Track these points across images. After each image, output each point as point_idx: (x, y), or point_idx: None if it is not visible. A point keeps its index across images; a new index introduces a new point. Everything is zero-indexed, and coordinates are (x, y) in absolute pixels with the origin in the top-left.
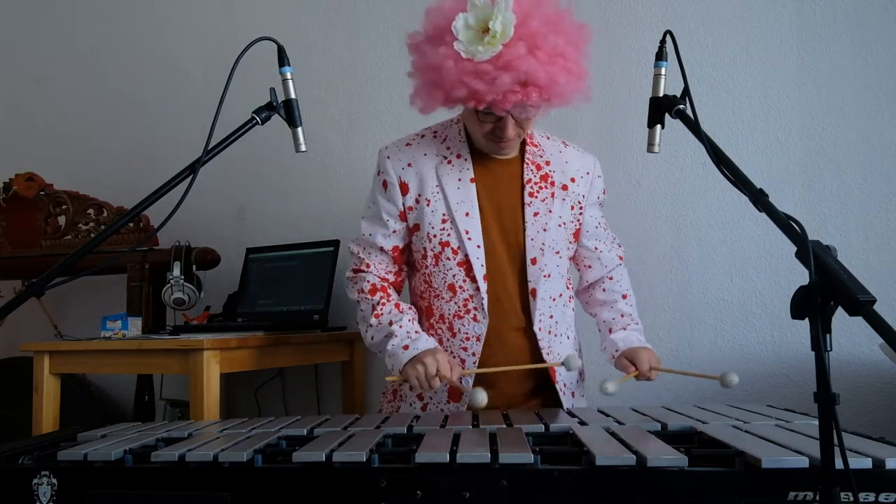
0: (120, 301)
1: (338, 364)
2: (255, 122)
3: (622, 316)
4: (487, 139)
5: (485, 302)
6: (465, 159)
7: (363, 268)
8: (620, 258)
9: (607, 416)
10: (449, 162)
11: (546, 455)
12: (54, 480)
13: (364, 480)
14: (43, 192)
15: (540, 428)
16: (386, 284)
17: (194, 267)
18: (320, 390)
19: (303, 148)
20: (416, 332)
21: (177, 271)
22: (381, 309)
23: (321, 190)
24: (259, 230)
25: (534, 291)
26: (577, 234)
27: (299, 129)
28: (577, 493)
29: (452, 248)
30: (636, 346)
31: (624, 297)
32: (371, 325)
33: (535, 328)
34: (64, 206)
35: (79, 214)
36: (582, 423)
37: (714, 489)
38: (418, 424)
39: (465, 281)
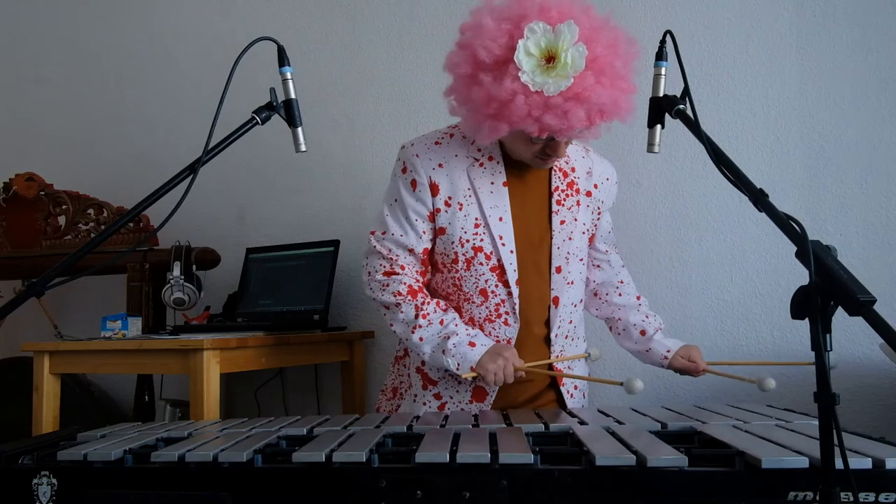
0: (120, 301)
1: (338, 364)
2: (255, 122)
3: (647, 318)
4: (535, 156)
5: (517, 307)
6: (498, 162)
7: (397, 270)
8: (621, 259)
9: (607, 416)
10: (481, 165)
11: (546, 455)
12: (54, 480)
13: (364, 480)
14: (43, 192)
15: (540, 428)
16: (421, 285)
17: (194, 267)
18: (320, 390)
19: (303, 148)
20: (473, 328)
21: (177, 271)
22: (427, 309)
23: (321, 190)
24: (259, 230)
25: (556, 300)
26: (591, 240)
27: (299, 129)
28: (577, 493)
29: (485, 253)
30: (685, 345)
31: (639, 298)
32: (420, 326)
33: (552, 334)
34: (64, 206)
35: (79, 214)
36: (582, 423)
37: (714, 489)
38: (418, 424)
39: (497, 286)
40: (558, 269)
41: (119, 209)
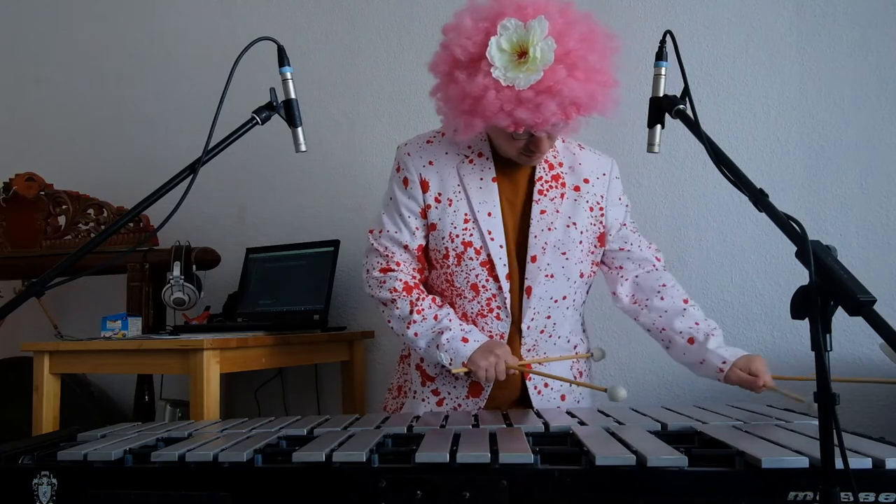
0: (120, 301)
1: (338, 364)
2: (255, 122)
3: (697, 323)
4: (519, 153)
5: (508, 301)
6: (487, 158)
7: (393, 266)
8: (658, 259)
9: (607, 416)
10: (471, 161)
11: (546, 455)
12: (54, 480)
13: (364, 480)
14: (43, 192)
15: (540, 428)
16: (417, 281)
17: (194, 267)
18: (320, 390)
19: (303, 148)
20: (468, 324)
21: (177, 271)
22: (422, 304)
23: (321, 190)
24: (259, 230)
25: (528, 289)
26: (602, 239)
27: (299, 129)
28: (577, 493)
29: (475, 249)
30: (745, 354)
31: (686, 301)
32: (415, 321)
33: (524, 326)
34: (64, 206)
35: (79, 214)
36: (582, 423)
37: (714, 489)
38: (418, 424)
39: (487, 280)
40: (533, 259)
41: (119, 209)
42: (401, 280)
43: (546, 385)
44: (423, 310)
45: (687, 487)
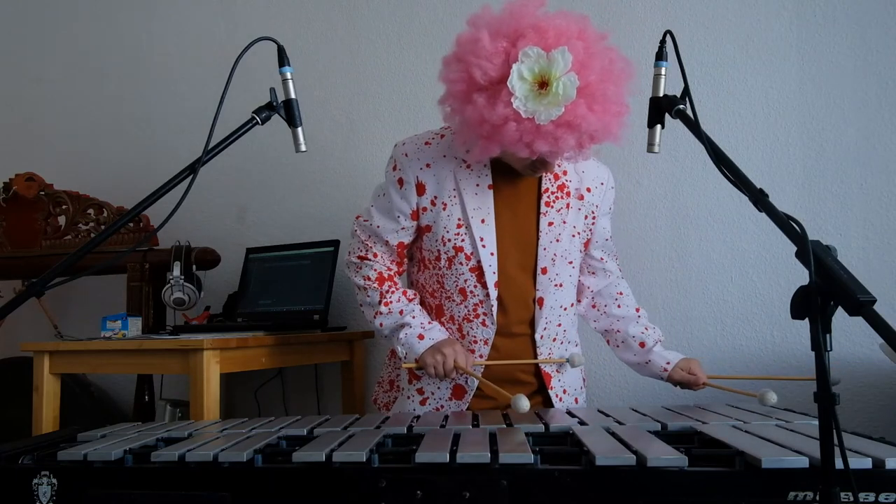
0: (120, 301)
1: (338, 364)
2: (255, 122)
3: (647, 329)
4: (525, 167)
5: (494, 308)
6: (485, 165)
7: (369, 256)
8: (620, 269)
9: (607, 416)
10: (468, 167)
11: (546, 455)
12: (54, 480)
13: (364, 480)
14: (43, 192)
15: (540, 428)
16: (392, 273)
17: (194, 267)
18: (320, 390)
19: (303, 148)
20: (430, 322)
21: (177, 271)
22: (391, 297)
23: (321, 190)
24: (259, 230)
25: (540, 301)
26: (587, 245)
27: (299, 129)
28: (577, 493)
29: (466, 254)
30: (685, 357)
31: (638, 310)
32: (381, 312)
33: (537, 336)
34: (64, 206)
35: (79, 214)
36: (582, 423)
37: (714, 489)
38: (418, 424)
39: (476, 286)
40: (544, 270)
41: (119, 209)
42: (375, 270)
43: (565, 391)
44: (390, 302)
45: (687, 487)
